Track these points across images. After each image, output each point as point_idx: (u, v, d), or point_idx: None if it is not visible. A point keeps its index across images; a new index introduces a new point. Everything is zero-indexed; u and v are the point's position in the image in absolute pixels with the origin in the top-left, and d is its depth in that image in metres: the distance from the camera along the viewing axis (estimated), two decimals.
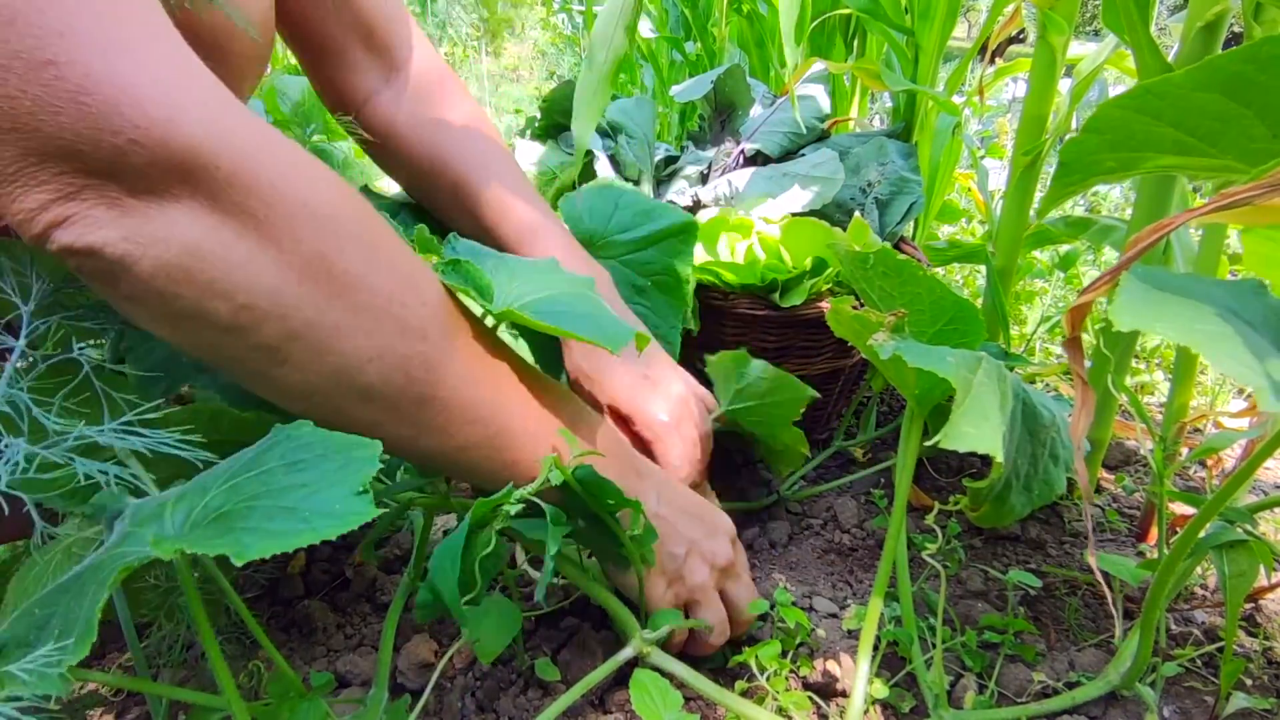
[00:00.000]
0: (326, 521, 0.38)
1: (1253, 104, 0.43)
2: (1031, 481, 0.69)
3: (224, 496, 0.40)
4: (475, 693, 0.63)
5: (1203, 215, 0.42)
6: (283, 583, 0.73)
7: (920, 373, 0.55)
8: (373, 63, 0.75)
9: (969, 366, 0.49)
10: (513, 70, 4.68)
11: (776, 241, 0.92)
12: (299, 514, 0.38)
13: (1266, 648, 0.71)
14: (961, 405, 0.46)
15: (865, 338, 0.54)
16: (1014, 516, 0.71)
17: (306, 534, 0.37)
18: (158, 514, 0.40)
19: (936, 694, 0.60)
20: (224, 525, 0.38)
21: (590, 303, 0.59)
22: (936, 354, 0.49)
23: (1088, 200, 2.08)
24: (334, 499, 0.39)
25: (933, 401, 0.59)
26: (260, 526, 0.37)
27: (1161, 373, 1.30)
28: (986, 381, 0.49)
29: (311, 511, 0.38)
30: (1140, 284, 0.41)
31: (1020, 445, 0.66)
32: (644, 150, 1.14)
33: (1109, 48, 0.97)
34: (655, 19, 2.18)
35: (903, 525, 0.60)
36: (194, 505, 0.40)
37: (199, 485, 0.42)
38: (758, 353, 0.93)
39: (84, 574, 0.39)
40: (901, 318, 0.54)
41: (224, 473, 0.42)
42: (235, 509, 0.39)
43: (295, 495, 0.40)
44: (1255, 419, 0.79)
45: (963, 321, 0.61)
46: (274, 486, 0.40)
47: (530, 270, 0.61)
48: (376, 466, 0.41)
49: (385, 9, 0.75)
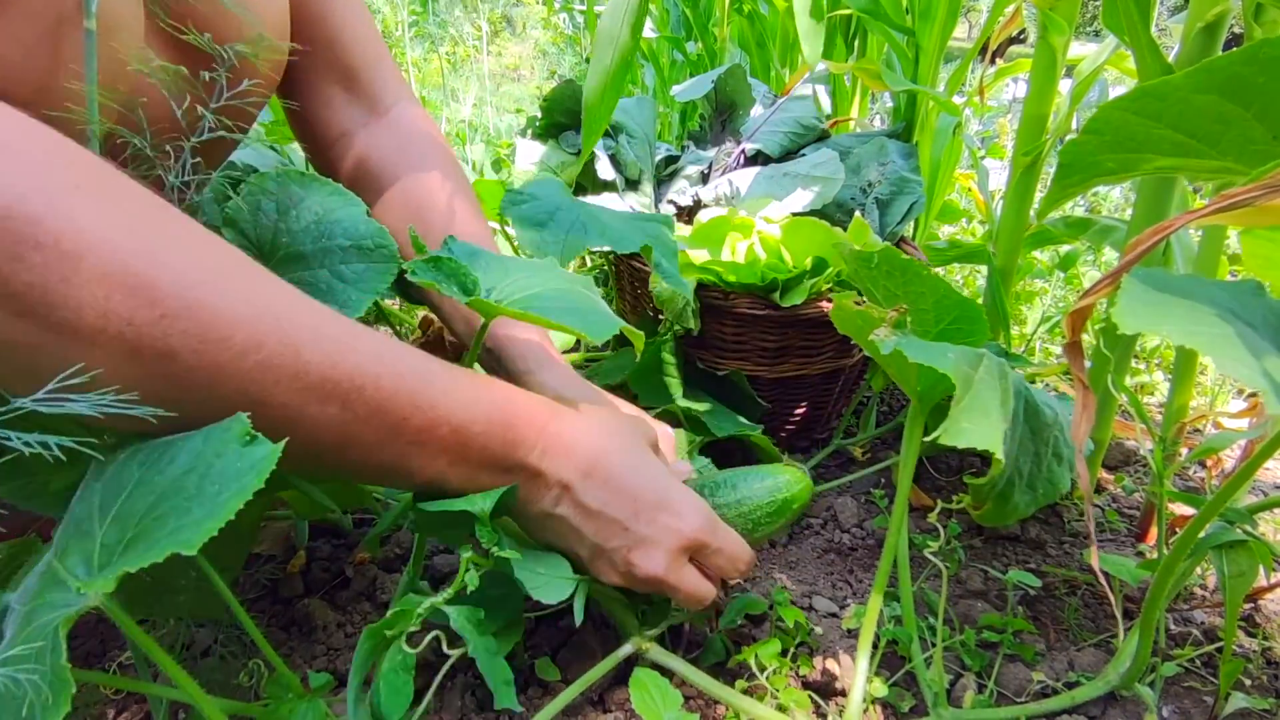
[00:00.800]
0: (246, 477, 0.36)
1: (1252, 106, 0.43)
2: (1035, 480, 0.69)
3: (117, 530, 0.37)
4: (475, 692, 0.63)
5: (1203, 217, 0.42)
6: (282, 582, 0.73)
7: (922, 370, 0.54)
8: (352, 104, 0.75)
9: (970, 363, 0.49)
10: (513, 70, 4.68)
11: (777, 241, 0.92)
12: (209, 491, 0.36)
13: (1266, 648, 0.71)
14: (961, 401, 0.46)
15: (867, 333, 0.54)
16: (1017, 515, 0.71)
17: (238, 494, 0.35)
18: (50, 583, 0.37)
19: (936, 693, 0.60)
20: (146, 542, 0.35)
21: (580, 298, 0.59)
22: (937, 350, 0.49)
23: (1088, 201, 2.08)
24: (231, 459, 0.37)
25: (935, 399, 0.59)
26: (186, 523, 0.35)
27: (1161, 373, 1.31)
28: (988, 379, 0.49)
29: (223, 479, 0.36)
30: (1142, 286, 0.41)
31: (1023, 444, 0.66)
32: (645, 150, 1.14)
33: (1109, 48, 0.97)
34: (656, 19, 2.18)
35: (904, 523, 0.60)
36: (88, 551, 0.37)
37: (72, 536, 0.38)
38: (758, 353, 0.93)
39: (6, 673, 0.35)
40: (903, 313, 0.54)
41: (86, 514, 0.39)
42: (144, 526, 0.36)
43: (192, 480, 0.37)
44: (1255, 419, 0.79)
45: (967, 321, 0.61)
46: (161, 488, 0.38)
47: (524, 268, 0.61)
48: (242, 422, 0.39)
49: (372, 57, 0.75)
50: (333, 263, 0.60)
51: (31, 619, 0.36)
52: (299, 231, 0.61)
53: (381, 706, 0.49)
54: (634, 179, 1.13)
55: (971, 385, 0.47)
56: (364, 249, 0.61)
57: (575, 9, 3.13)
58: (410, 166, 0.74)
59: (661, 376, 0.92)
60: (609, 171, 1.10)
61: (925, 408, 0.60)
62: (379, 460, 0.47)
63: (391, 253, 0.62)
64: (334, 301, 0.58)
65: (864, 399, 1.09)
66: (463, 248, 0.61)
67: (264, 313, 0.41)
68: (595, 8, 2.19)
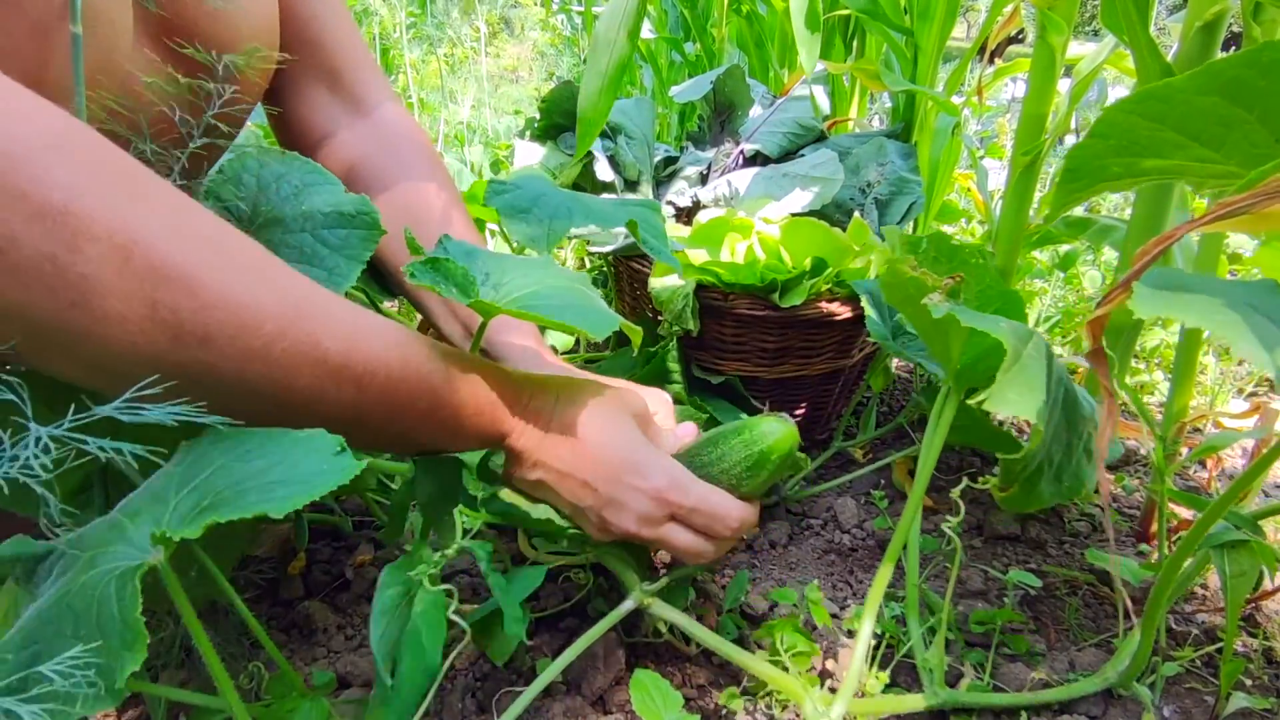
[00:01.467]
0: (332, 475, 0.38)
1: (1254, 109, 0.43)
2: (1063, 472, 0.68)
3: (193, 499, 0.39)
4: (475, 693, 0.63)
5: (1204, 225, 0.42)
6: (283, 583, 0.73)
7: (966, 343, 0.55)
8: (336, 104, 0.74)
9: (1021, 338, 0.50)
10: (512, 71, 4.67)
11: (776, 241, 0.92)
12: (299, 478, 0.38)
13: (1266, 648, 0.71)
14: (1009, 371, 0.47)
15: (918, 299, 0.53)
16: (1040, 503, 0.70)
17: (326, 481, 0.37)
18: (117, 535, 0.39)
19: (934, 673, 0.60)
20: (232, 505, 0.37)
21: (578, 295, 0.60)
22: (990, 319, 0.50)
23: (1087, 201, 2.08)
24: (320, 461, 0.39)
25: (974, 378, 0.59)
26: (270, 496, 0.37)
27: (1161, 373, 1.31)
28: (1036, 354, 0.50)
29: (309, 474, 0.38)
30: (1159, 275, 0.41)
31: (1058, 431, 0.65)
32: (644, 151, 1.14)
33: (1108, 48, 0.97)
34: (655, 20, 2.18)
35: (918, 510, 0.60)
36: (160, 516, 0.39)
37: (148, 499, 0.40)
38: (757, 353, 0.93)
39: (69, 598, 0.37)
40: (959, 281, 0.54)
41: (167, 486, 0.41)
42: (220, 498, 0.38)
43: (278, 471, 0.39)
44: (1256, 419, 0.79)
45: (1008, 310, 0.62)
46: (244, 474, 0.39)
47: (521, 265, 0.62)
48: (334, 439, 0.41)
49: (356, 58, 0.74)
50: (313, 227, 0.61)
51: (95, 563, 0.38)
52: (279, 201, 0.62)
53: (424, 643, 0.51)
54: (633, 180, 1.13)
55: (1020, 357, 0.48)
56: (345, 214, 0.62)
57: (573, 10, 3.13)
58: (399, 167, 0.75)
59: (665, 382, 0.92)
60: (607, 173, 1.10)
61: (960, 386, 0.59)
62: (386, 434, 0.53)
63: (374, 220, 0.62)
64: (321, 267, 0.60)
65: (864, 399, 1.09)
66: (459, 247, 0.61)
67: (288, 305, 0.45)
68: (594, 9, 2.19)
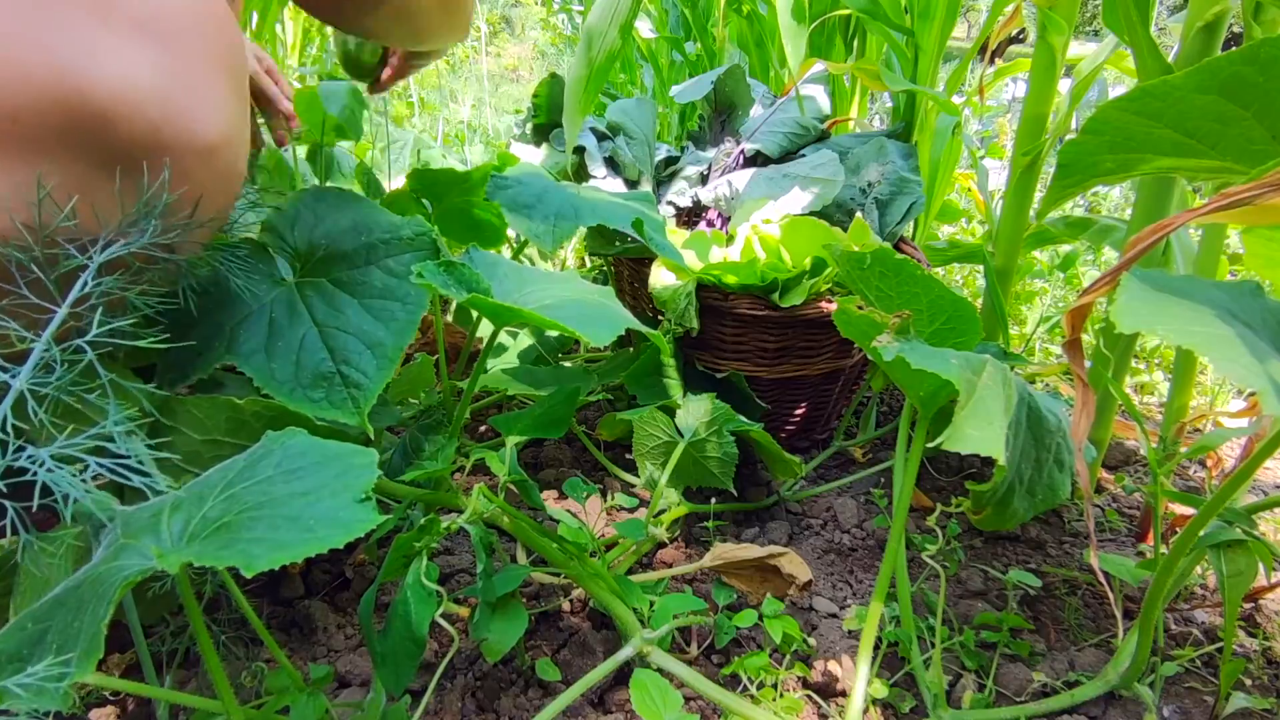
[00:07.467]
0: (331, 530, 0.38)
1: (1252, 106, 0.43)
2: (1035, 486, 0.69)
3: (222, 506, 0.40)
4: (475, 693, 0.63)
5: (1202, 216, 0.42)
6: (283, 583, 0.73)
7: (925, 376, 0.55)
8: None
9: (973, 369, 0.49)
10: (512, 70, 4.68)
11: (776, 241, 0.92)
12: (302, 523, 0.38)
13: (1266, 648, 0.71)
14: (965, 407, 0.46)
15: (871, 338, 0.54)
16: (1016, 520, 0.71)
17: (312, 543, 0.37)
18: (153, 525, 0.40)
19: (935, 694, 0.60)
20: (227, 536, 0.38)
21: (594, 305, 0.60)
22: (940, 356, 0.49)
23: (1087, 200, 2.08)
24: (337, 507, 0.39)
25: (938, 404, 0.59)
26: (266, 537, 0.37)
27: (1161, 373, 1.31)
28: (991, 384, 0.49)
29: (315, 520, 0.38)
30: (1141, 285, 0.41)
31: (1025, 450, 0.66)
32: (644, 151, 1.14)
33: (1109, 48, 0.97)
34: (655, 19, 2.18)
35: (903, 530, 0.60)
36: (191, 515, 0.40)
37: (194, 494, 0.42)
38: (758, 353, 0.93)
39: (81, 587, 0.38)
40: (907, 319, 0.54)
41: (219, 481, 0.42)
42: (236, 519, 0.39)
43: (297, 504, 0.40)
44: (1255, 418, 0.79)
45: (959, 320, 0.61)
46: (274, 495, 0.40)
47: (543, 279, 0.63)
48: (375, 474, 0.41)
49: None
50: (378, 257, 0.63)
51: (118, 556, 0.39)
52: (338, 234, 0.64)
53: (412, 616, 0.51)
54: (633, 180, 1.13)
55: (975, 391, 0.48)
56: (404, 239, 0.63)
57: (574, 9, 3.13)
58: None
59: (660, 379, 0.92)
60: (600, 169, 1.11)
61: (928, 412, 0.60)
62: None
63: (432, 240, 0.64)
64: (395, 299, 0.61)
65: (864, 399, 1.09)
66: (483, 256, 0.61)
67: None
68: None
